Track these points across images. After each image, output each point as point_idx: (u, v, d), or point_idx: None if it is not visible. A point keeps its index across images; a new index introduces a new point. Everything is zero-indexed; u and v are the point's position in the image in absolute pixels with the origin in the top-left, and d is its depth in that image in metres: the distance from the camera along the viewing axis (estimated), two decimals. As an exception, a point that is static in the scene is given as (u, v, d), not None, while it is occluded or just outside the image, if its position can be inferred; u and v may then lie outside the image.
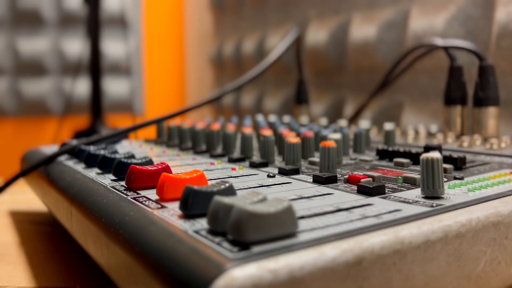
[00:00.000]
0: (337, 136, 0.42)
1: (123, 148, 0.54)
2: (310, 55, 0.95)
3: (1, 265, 0.40)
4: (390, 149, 0.43)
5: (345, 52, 0.88)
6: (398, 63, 0.69)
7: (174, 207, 0.27)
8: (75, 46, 1.61)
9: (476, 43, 0.65)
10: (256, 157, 0.45)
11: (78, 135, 1.36)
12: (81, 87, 1.60)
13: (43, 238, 0.48)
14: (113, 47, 1.67)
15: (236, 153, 0.48)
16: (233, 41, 1.31)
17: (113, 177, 0.37)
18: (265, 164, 0.40)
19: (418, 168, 0.38)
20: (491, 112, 0.52)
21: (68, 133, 1.47)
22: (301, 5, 1.04)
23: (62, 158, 0.47)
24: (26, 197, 0.64)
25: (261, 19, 1.21)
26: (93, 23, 1.34)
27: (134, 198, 0.30)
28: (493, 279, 0.26)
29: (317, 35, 0.92)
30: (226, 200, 0.22)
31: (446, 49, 0.57)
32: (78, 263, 0.40)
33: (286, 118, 0.66)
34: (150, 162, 0.37)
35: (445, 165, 0.36)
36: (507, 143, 0.46)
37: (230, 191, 0.26)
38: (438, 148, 0.39)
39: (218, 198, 0.23)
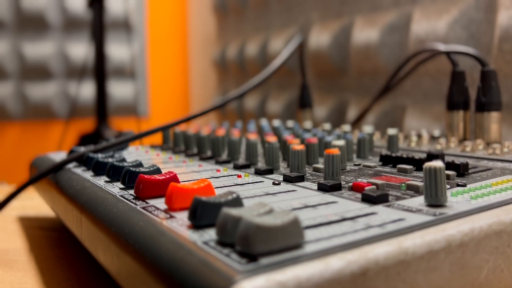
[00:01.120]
0: (341, 142, 0.43)
1: (130, 154, 0.55)
2: (313, 58, 0.96)
3: (11, 271, 0.41)
4: (394, 155, 0.43)
5: (347, 55, 0.88)
6: (401, 68, 0.70)
7: (182, 217, 0.28)
8: (80, 50, 1.62)
9: (478, 46, 0.65)
10: (261, 163, 0.46)
11: (83, 138, 1.37)
12: (86, 90, 1.62)
13: (52, 244, 0.49)
14: (117, 50, 1.68)
15: (242, 160, 0.49)
16: (237, 44, 1.32)
17: (122, 186, 0.37)
18: (270, 171, 0.41)
19: (421, 174, 0.39)
20: (493, 117, 0.52)
21: (74, 137, 1.48)
22: (304, 8, 1.04)
23: (71, 165, 0.48)
24: (34, 203, 0.65)
25: (264, 22, 1.22)
26: (98, 27, 1.35)
27: (143, 208, 0.31)
28: (496, 287, 0.26)
29: (320, 38, 0.93)
30: (234, 212, 0.23)
31: (448, 54, 0.57)
32: (88, 269, 0.41)
33: (290, 123, 0.66)
34: (158, 171, 0.37)
35: (448, 172, 0.36)
36: (510, 148, 0.47)
37: (237, 202, 0.27)
38: (441, 156, 0.39)
39: (226, 210, 0.23)
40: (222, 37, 1.48)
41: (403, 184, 0.34)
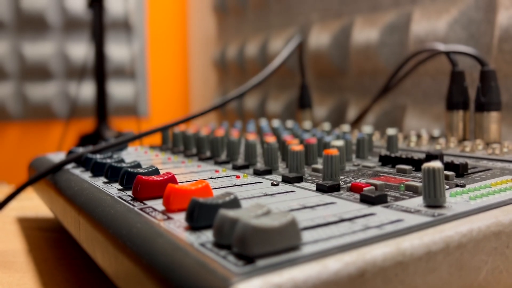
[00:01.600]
0: (340, 143, 0.43)
1: (129, 155, 0.55)
2: (313, 58, 0.96)
3: (10, 272, 0.41)
4: (393, 155, 0.43)
5: (347, 55, 0.88)
6: (400, 67, 0.70)
7: (180, 218, 0.28)
8: (80, 50, 1.62)
9: (478, 46, 0.65)
10: (260, 164, 0.46)
11: (83, 138, 1.37)
12: (86, 90, 1.61)
13: (51, 244, 0.49)
14: (117, 50, 1.68)
15: (240, 160, 0.48)
16: (236, 44, 1.32)
17: (120, 187, 0.37)
18: (269, 172, 0.41)
19: (420, 174, 0.38)
20: (493, 117, 0.52)
21: (74, 137, 1.48)
22: (304, 9, 1.04)
23: (69, 166, 0.48)
24: (33, 203, 0.65)
25: (264, 23, 1.22)
26: (98, 27, 1.35)
27: (141, 209, 0.31)
28: (494, 288, 0.26)
29: (320, 38, 0.93)
30: (231, 213, 0.23)
31: (447, 54, 0.57)
32: (87, 270, 0.41)
33: (290, 123, 0.66)
34: (156, 172, 0.37)
35: (447, 172, 0.36)
36: (509, 148, 0.47)
37: (234, 203, 0.27)
38: (440, 156, 0.39)
39: (223, 212, 0.23)
40: (222, 37, 1.48)
41: (402, 185, 0.34)
